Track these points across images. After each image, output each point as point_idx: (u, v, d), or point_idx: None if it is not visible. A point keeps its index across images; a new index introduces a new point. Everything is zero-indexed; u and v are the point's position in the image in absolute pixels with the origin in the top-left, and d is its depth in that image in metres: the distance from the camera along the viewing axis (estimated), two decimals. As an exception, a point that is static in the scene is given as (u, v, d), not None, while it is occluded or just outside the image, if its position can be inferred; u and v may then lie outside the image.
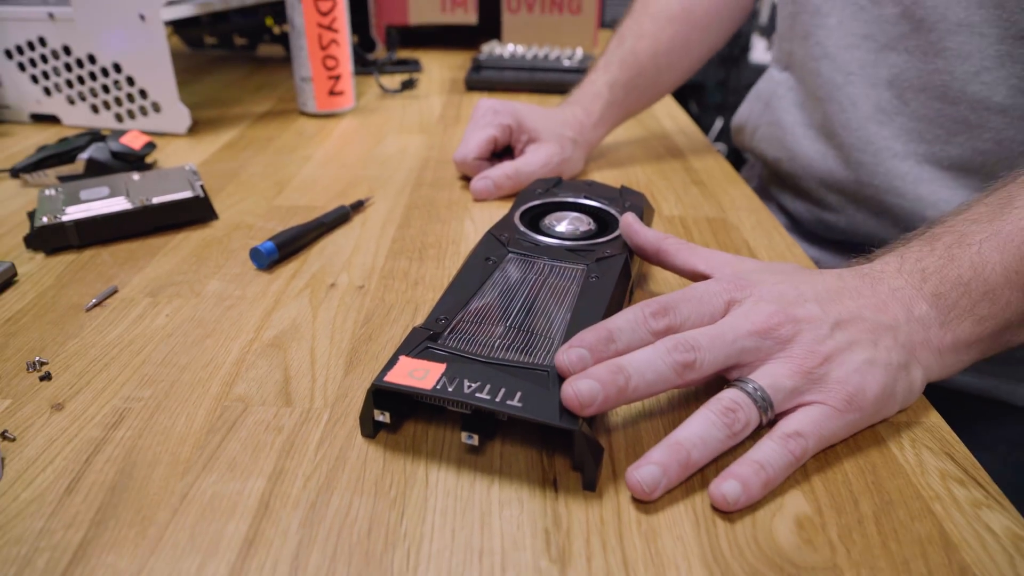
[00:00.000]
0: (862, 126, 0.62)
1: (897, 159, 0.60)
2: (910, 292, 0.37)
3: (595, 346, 0.34)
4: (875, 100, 0.61)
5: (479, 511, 0.31)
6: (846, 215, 0.66)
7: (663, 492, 0.32)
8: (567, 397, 0.32)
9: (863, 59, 0.61)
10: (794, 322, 0.35)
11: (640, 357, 0.33)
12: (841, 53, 0.62)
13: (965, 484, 0.33)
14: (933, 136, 0.58)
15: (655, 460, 0.32)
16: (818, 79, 0.65)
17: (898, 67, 0.59)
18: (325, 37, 0.84)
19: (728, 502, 0.31)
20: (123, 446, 0.35)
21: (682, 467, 0.32)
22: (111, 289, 0.48)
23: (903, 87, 0.59)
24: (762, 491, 0.32)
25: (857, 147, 0.62)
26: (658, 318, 0.35)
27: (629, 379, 0.32)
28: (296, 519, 0.31)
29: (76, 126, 0.82)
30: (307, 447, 0.35)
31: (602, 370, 0.32)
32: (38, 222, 0.52)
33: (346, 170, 0.70)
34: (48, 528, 0.30)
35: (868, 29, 0.60)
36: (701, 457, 0.33)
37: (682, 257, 0.44)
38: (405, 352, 0.36)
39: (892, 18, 0.58)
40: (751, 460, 0.32)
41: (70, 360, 0.41)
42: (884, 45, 0.59)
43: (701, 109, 2.35)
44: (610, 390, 0.32)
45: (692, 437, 0.33)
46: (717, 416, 0.33)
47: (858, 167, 0.63)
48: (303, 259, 0.53)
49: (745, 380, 0.34)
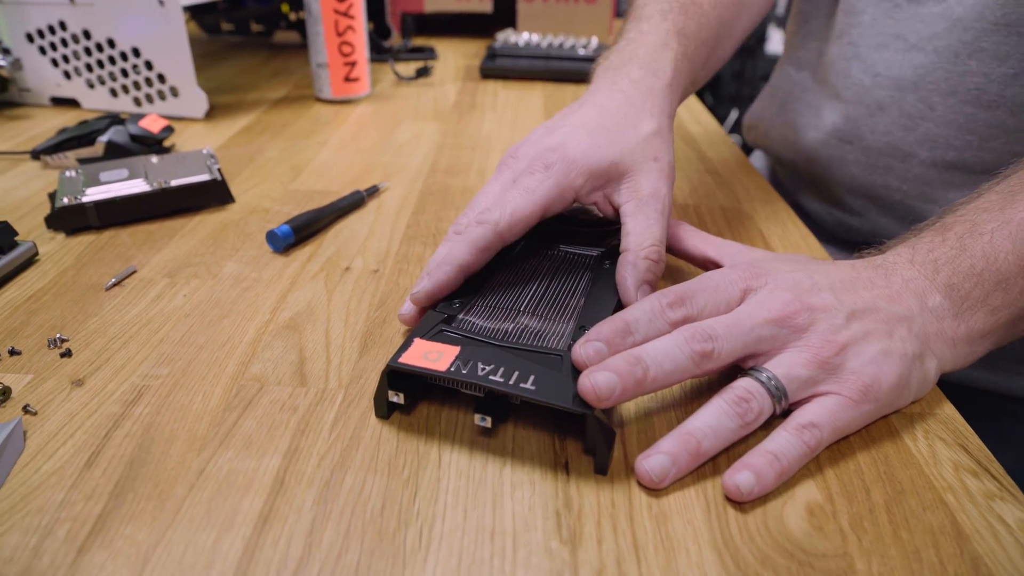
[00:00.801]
0: (889, 131, 0.60)
1: (924, 165, 0.58)
2: (923, 283, 0.37)
3: (612, 339, 0.34)
4: (900, 104, 0.59)
5: (491, 492, 0.32)
6: (870, 219, 0.64)
7: (672, 481, 0.32)
8: (584, 389, 0.31)
9: (890, 59, 0.59)
10: (810, 310, 0.35)
11: (658, 347, 0.33)
12: (871, 53, 0.60)
13: (978, 475, 0.33)
14: (963, 143, 0.56)
15: (665, 449, 0.32)
16: (846, 80, 0.62)
17: (924, 68, 0.57)
18: (341, 23, 0.84)
19: (742, 492, 0.31)
20: (141, 422, 0.35)
21: (692, 457, 0.32)
22: (130, 269, 0.48)
23: (929, 90, 0.57)
24: (776, 482, 0.32)
25: (884, 152, 0.60)
26: (675, 308, 0.35)
27: (647, 370, 0.32)
28: (310, 496, 0.31)
29: (95, 109, 0.83)
30: (322, 426, 0.35)
31: (620, 361, 0.32)
32: (59, 203, 0.53)
33: (361, 156, 0.71)
34: (68, 500, 0.31)
35: (899, 28, 0.58)
36: (712, 447, 0.32)
37: (693, 243, 0.44)
38: (420, 334, 0.36)
39: (929, 17, 0.56)
40: (765, 451, 0.32)
41: (90, 337, 0.41)
42: (913, 45, 0.57)
43: (716, 100, 2.33)
44: (628, 381, 0.32)
45: (703, 427, 0.33)
46: (729, 405, 0.33)
47: (886, 172, 0.61)
48: (318, 243, 0.53)
49: (759, 369, 0.34)
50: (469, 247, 0.39)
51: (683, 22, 0.52)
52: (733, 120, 2.31)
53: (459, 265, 0.39)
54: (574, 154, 0.42)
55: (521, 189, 0.41)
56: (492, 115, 0.86)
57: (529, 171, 0.42)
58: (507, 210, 0.40)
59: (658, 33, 0.51)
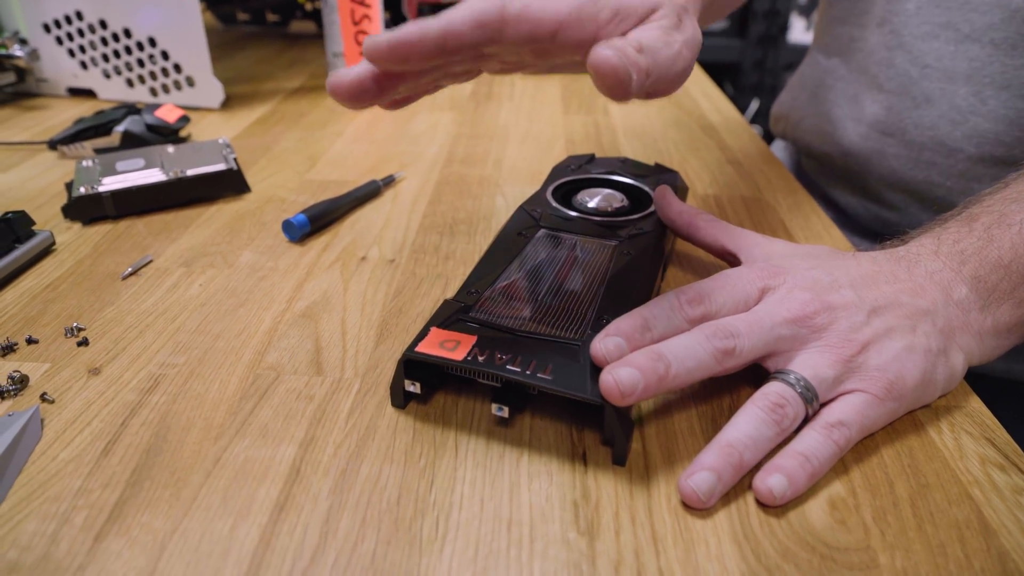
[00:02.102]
0: (935, 124, 0.57)
1: (970, 161, 0.56)
2: (948, 275, 0.36)
3: (631, 335, 0.33)
4: (950, 97, 0.56)
5: (508, 482, 0.31)
6: (909, 215, 0.62)
7: (718, 498, 0.31)
8: (607, 386, 0.31)
9: (940, 51, 0.56)
10: (830, 309, 0.34)
11: (679, 344, 0.33)
12: (917, 43, 0.58)
13: (1006, 470, 0.32)
14: (1013, 139, 0.54)
15: (708, 465, 0.31)
16: (889, 70, 0.60)
17: (979, 61, 0.54)
18: (357, 12, 0.84)
19: (775, 496, 0.30)
20: (158, 410, 0.35)
21: (735, 470, 0.31)
22: (146, 259, 0.48)
23: (982, 83, 0.54)
24: (808, 484, 0.31)
25: (928, 146, 0.58)
26: (694, 305, 0.35)
27: (669, 367, 0.31)
28: (327, 485, 0.31)
29: (112, 100, 0.83)
30: (338, 416, 0.35)
31: (641, 357, 0.31)
32: (76, 192, 0.53)
33: (377, 146, 0.70)
34: (86, 487, 0.31)
35: (949, 16, 0.55)
36: (753, 458, 0.31)
37: (712, 233, 0.43)
38: (436, 323, 0.36)
39: (982, 7, 0.53)
40: (796, 452, 0.31)
41: (107, 327, 0.41)
42: (967, 36, 0.55)
43: (737, 90, 2.31)
44: (650, 378, 0.31)
45: (743, 437, 0.31)
46: (766, 413, 0.32)
47: (929, 167, 0.59)
48: (334, 232, 0.53)
49: (787, 372, 0.33)
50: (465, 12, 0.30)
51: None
52: (754, 110, 2.29)
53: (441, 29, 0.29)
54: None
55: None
56: (509, 105, 0.85)
57: None
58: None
59: None
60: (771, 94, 2.30)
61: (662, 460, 0.33)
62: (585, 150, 0.70)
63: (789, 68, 2.30)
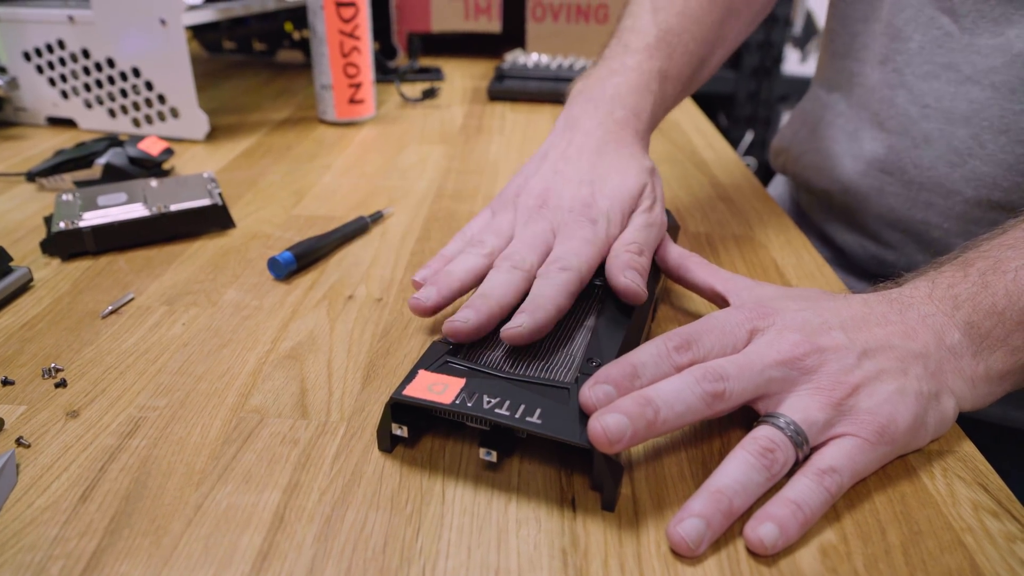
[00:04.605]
0: (933, 165, 0.57)
1: (968, 204, 0.56)
2: (942, 320, 0.36)
3: (620, 382, 0.33)
4: (948, 138, 0.56)
5: (496, 529, 0.31)
6: (906, 254, 0.62)
7: (708, 546, 0.30)
8: (595, 432, 0.30)
9: (940, 91, 0.56)
10: (819, 351, 0.34)
11: (668, 388, 0.32)
12: (918, 83, 0.57)
13: (999, 516, 0.32)
14: (1011, 184, 0.53)
15: (697, 512, 0.30)
16: (891, 109, 0.60)
17: (979, 103, 0.54)
18: (347, 44, 0.84)
19: (766, 546, 0.30)
20: (138, 455, 0.34)
21: (725, 517, 0.31)
22: (127, 296, 0.48)
23: (981, 126, 0.54)
24: (799, 533, 0.30)
25: (927, 187, 0.58)
26: (681, 352, 0.34)
27: (658, 412, 0.31)
28: (311, 533, 0.30)
29: (93, 130, 0.83)
30: (323, 460, 0.34)
31: (630, 403, 0.31)
32: (55, 227, 0.52)
33: (365, 180, 0.70)
34: (62, 536, 0.30)
35: (951, 58, 0.55)
36: (743, 504, 0.31)
37: (701, 275, 0.43)
38: (424, 366, 0.35)
39: (985, 49, 0.53)
40: (788, 500, 0.31)
41: (86, 367, 0.41)
42: (967, 77, 0.54)
43: (731, 122, 2.33)
44: (639, 424, 0.31)
45: (733, 484, 0.31)
46: (756, 458, 0.32)
47: (927, 208, 0.59)
48: (321, 270, 0.52)
49: (776, 415, 0.33)
50: (563, 290, 0.39)
51: (667, 64, 0.54)
52: (748, 142, 2.30)
53: (559, 308, 0.38)
54: (608, 206, 0.45)
55: (579, 240, 0.42)
56: (500, 139, 0.85)
57: (576, 223, 0.44)
58: (583, 259, 0.41)
59: (643, 73, 0.53)
60: (765, 126, 2.32)
61: (652, 505, 0.32)
62: (574, 186, 0.70)
63: (783, 100, 2.33)
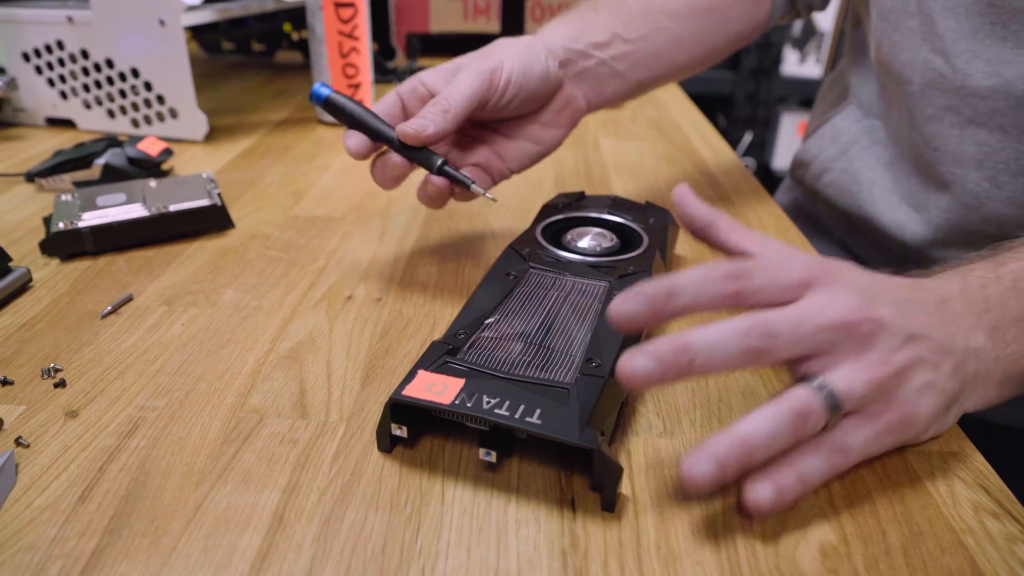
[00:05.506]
0: (951, 208, 0.56)
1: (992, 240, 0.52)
2: (971, 321, 0.35)
3: (655, 298, 0.31)
4: (962, 181, 0.54)
5: (495, 530, 0.31)
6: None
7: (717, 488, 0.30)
8: (623, 373, 0.29)
9: (946, 134, 0.54)
10: (875, 321, 0.32)
11: (710, 336, 0.30)
12: (926, 125, 0.55)
13: (999, 517, 0.32)
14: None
15: (717, 456, 0.29)
16: (911, 150, 0.58)
17: (989, 146, 0.52)
18: (346, 45, 0.84)
19: (761, 509, 0.29)
20: (137, 455, 0.34)
21: (740, 467, 0.29)
22: (126, 296, 0.48)
23: (996, 169, 0.52)
24: (793, 503, 0.31)
25: (945, 228, 0.57)
26: (729, 280, 0.31)
27: (693, 360, 0.30)
28: (310, 533, 0.30)
29: (92, 131, 0.83)
30: (322, 461, 0.34)
31: (666, 348, 0.30)
32: (54, 228, 0.52)
33: (364, 180, 0.70)
34: (61, 536, 0.30)
35: (949, 100, 0.53)
36: (760, 460, 0.30)
37: (734, 236, 0.39)
38: (424, 366, 0.35)
39: (981, 91, 0.52)
40: (794, 470, 0.31)
41: (85, 367, 0.41)
42: (970, 120, 0.53)
43: (730, 123, 2.33)
44: (669, 372, 0.29)
45: (760, 435, 0.30)
46: (788, 419, 0.30)
47: (946, 246, 0.58)
48: (320, 270, 0.52)
49: (820, 382, 0.31)
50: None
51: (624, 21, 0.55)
52: (747, 143, 2.30)
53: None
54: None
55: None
56: (493, 139, 0.85)
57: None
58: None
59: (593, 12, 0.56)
60: (764, 126, 2.31)
61: (652, 505, 0.32)
62: (575, 186, 0.70)
63: (782, 100, 2.33)
